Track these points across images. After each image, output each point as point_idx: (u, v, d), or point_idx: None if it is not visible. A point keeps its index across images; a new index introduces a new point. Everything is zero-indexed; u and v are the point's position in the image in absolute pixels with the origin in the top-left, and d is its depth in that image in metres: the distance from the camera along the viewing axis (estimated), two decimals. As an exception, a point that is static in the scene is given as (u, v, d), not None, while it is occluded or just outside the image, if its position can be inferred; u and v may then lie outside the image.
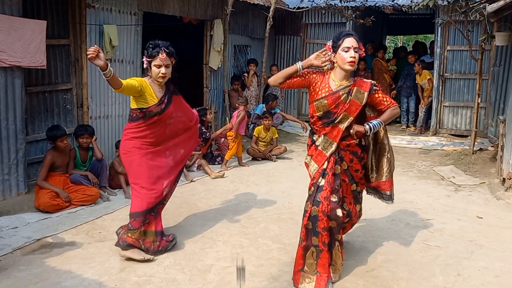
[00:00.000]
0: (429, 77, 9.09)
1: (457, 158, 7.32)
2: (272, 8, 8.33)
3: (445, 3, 7.42)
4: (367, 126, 3.26)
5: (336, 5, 8.99)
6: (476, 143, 7.56)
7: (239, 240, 4.11)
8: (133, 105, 3.58)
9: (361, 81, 3.31)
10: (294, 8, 9.58)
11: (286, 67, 11.41)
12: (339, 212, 3.23)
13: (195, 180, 6.01)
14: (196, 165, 6.41)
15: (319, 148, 3.35)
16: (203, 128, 6.89)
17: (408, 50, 11.47)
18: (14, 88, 4.67)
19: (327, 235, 3.21)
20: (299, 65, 3.27)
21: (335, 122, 3.25)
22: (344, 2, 8.58)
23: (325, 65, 3.24)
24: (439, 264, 3.74)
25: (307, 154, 3.50)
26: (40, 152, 5.21)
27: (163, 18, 7.08)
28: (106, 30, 5.69)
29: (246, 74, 8.78)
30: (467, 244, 4.15)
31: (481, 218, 4.81)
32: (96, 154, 5.19)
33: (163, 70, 3.53)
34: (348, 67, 3.15)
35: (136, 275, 3.44)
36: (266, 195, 5.40)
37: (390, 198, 3.60)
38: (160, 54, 3.50)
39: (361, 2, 8.84)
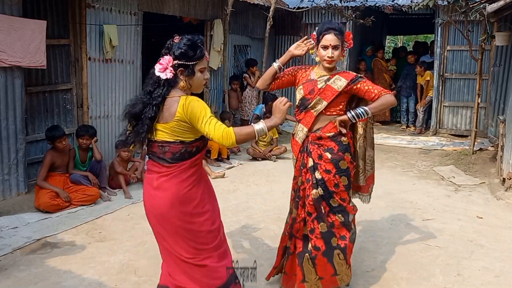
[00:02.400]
0: (428, 78, 9.10)
1: (457, 158, 7.32)
2: (272, 8, 8.33)
3: (445, 3, 7.42)
4: (349, 114, 2.98)
5: (336, 5, 8.99)
6: (476, 143, 7.56)
7: (239, 240, 4.11)
8: (191, 136, 2.44)
9: (346, 72, 3.13)
10: (294, 8, 9.58)
11: (286, 67, 11.44)
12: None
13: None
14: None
15: (295, 137, 3.18)
16: None
17: (408, 50, 11.47)
18: (14, 88, 4.67)
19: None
20: (275, 65, 3.16)
21: (308, 107, 3.06)
22: (344, 2, 8.58)
23: (306, 53, 3.14)
24: (439, 264, 3.74)
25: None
26: (40, 152, 5.21)
27: (163, 18, 7.08)
28: (106, 30, 5.69)
29: (246, 75, 8.77)
30: (467, 244, 4.15)
31: (481, 218, 4.81)
32: (96, 155, 5.19)
33: (207, 74, 2.57)
34: (326, 64, 3.04)
35: (136, 275, 3.44)
36: (266, 195, 5.40)
37: (368, 199, 3.47)
38: (206, 53, 2.60)
39: (361, 2, 8.84)
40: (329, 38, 2.98)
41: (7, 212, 4.50)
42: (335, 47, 2.98)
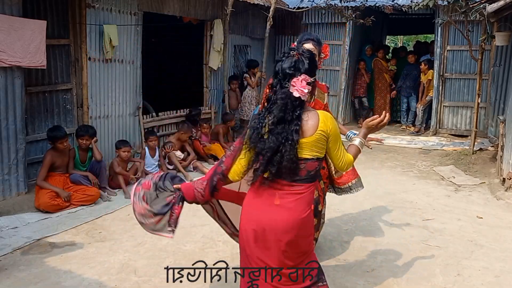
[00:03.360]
0: (430, 77, 9.10)
1: (457, 158, 7.32)
2: (272, 8, 8.32)
3: (445, 3, 7.42)
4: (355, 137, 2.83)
5: (336, 5, 8.98)
6: (476, 143, 7.55)
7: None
8: (322, 153, 2.34)
9: (318, 82, 3.23)
10: (294, 8, 9.57)
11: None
12: None
13: (194, 179, 6.02)
14: (192, 166, 6.41)
15: None
16: (193, 130, 6.93)
17: (408, 50, 11.46)
18: (14, 88, 4.67)
19: None
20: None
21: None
22: (344, 2, 8.57)
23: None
24: (439, 264, 3.74)
25: None
26: (40, 152, 5.21)
27: (163, 18, 7.08)
28: (106, 30, 5.69)
29: (247, 75, 8.76)
30: (467, 244, 4.15)
31: (481, 218, 4.81)
32: (96, 156, 5.19)
33: None
34: None
35: (136, 275, 3.44)
36: (266, 195, 5.39)
37: (349, 189, 3.61)
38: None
39: (361, 2, 8.83)
40: (308, 47, 3.13)
41: (7, 212, 4.50)
42: None
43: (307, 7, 9.32)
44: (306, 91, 2.25)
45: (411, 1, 8.58)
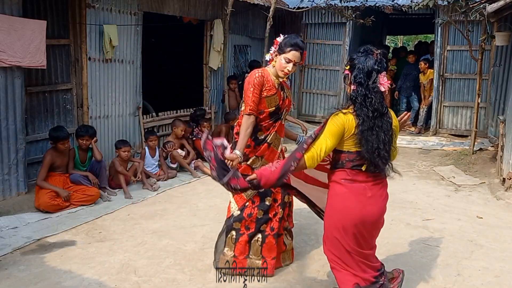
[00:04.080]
0: (432, 77, 9.09)
1: (457, 158, 7.32)
2: (272, 8, 8.32)
3: (445, 3, 7.41)
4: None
5: (336, 5, 8.98)
6: (476, 143, 7.55)
7: (239, 240, 4.10)
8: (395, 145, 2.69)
9: (284, 82, 3.48)
10: (294, 8, 9.57)
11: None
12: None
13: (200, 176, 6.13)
14: (193, 165, 6.41)
15: (272, 145, 3.39)
16: (194, 130, 6.93)
17: (408, 50, 11.46)
18: (14, 88, 4.67)
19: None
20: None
21: (281, 117, 3.38)
22: (344, 2, 8.56)
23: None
24: (439, 264, 3.74)
25: (255, 155, 3.33)
26: (40, 152, 5.21)
27: (163, 18, 7.08)
28: (106, 30, 5.69)
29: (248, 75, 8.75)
30: (467, 244, 4.15)
31: (481, 218, 4.81)
32: (96, 156, 5.19)
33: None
34: (281, 74, 3.28)
35: (136, 275, 3.44)
36: (266, 195, 5.39)
37: None
38: None
39: (361, 2, 8.83)
40: (296, 55, 3.23)
41: (7, 212, 4.50)
42: (295, 63, 3.26)
43: (307, 7, 9.32)
44: (387, 86, 2.60)
45: (411, 1, 8.58)
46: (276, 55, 3.30)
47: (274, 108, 3.29)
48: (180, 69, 9.65)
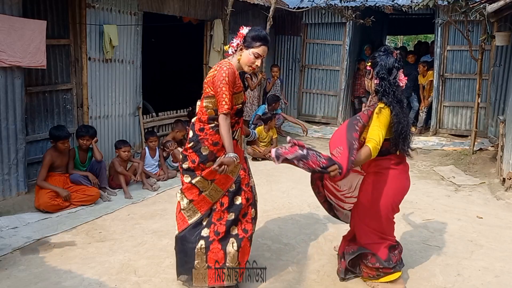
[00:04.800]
0: (431, 79, 9.09)
1: (457, 158, 7.32)
2: (272, 8, 8.32)
3: (445, 3, 7.42)
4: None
5: (336, 5, 8.98)
6: (476, 143, 7.56)
7: (239, 240, 4.10)
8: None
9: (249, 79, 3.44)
10: (294, 8, 9.57)
11: (286, 67, 11.33)
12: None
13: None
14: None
15: (238, 142, 3.24)
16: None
17: (408, 50, 11.45)
18: (14, 88, 4.67)
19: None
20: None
21: (242, 114, 3.29)
22: (344, 2, 8.57)
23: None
24: (439, 264, 3.74)
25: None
26: (40, 152, 5.21)
27: (163, 18, 7.08)
28: (106, 30, 5.69)
29: (248, 76, 8.75)
30: (467, 244, 4.15)
31: (481, 218, 4.81)
32: (96, 156, 5.19)
33: None
34: (248, 70, 3.11)
35: (136, 275, 3.44)
36: (266, 195, 5.39)
37: None
38: None
39: (361, 2, 8.84)
40: (265, 51, 3.11)
41: (7, 212, 4.50)
42: (263, 59, 3.18)
43: (307, 7, 9.32)
44: (404, 82, 3.14)
45: (411, 1, 8.58)
46: (241, 49, 3.08)
47: (240, 105, 3.16)
48: (180, 69, 9.66)
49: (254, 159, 7.06)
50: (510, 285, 3.46)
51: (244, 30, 3.09)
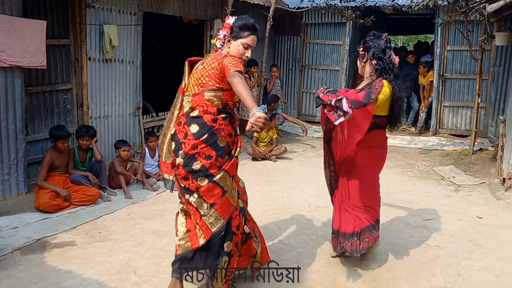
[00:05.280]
0: (432, 79, 9.08)
1: (457, 158, 7.32)
2: (272, 8, 8.32)
3: (445, 3, 7.42)
4: None
5: (336, 5, 8.98)
6: (476, 143, 7.55)
7: (239, 240, 4.10)
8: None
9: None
10: (294, 8, 9.57)
11: (286, 67, 11.33)
12: None
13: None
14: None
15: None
16: None
17: (408, 50, 11.45)
18: (14, 88, 4.67)
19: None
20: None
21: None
22: (344, 2, 8.57)
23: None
24: (439, 264, 3.74)
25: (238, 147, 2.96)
26: (40, 152, 5.21)
27: (163, 18, 7.08)
28: (106, 30, 5.69)
29: (247, 76, 8.75)
30: (467, 244, 4.15)
31: (481, 218, 4.81)
32: (96, 156, 5.19)
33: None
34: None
35: (136, 275, 3.44)
36: (266, 195, 5.39)
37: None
38: None
39: (361, 2, 8.84)
40: (254, 40, 2.94)
41: (7, 212, 4.50)
42: (252, 49, 2.99)
43: (307, 7, 9.32)
44: (397, 61, 3.38)
45: (411, 1, 8.58)
46: (229, 40, 2.91)
47: (237, 103, 3.00)
48: (180, 69, 9.64)
49: (254, 159, 7.07)
50: (510, 285, 3.46)
51: (230, 20, 2.93)
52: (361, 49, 3.42)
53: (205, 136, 2.79)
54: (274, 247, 3.98)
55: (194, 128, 2.83)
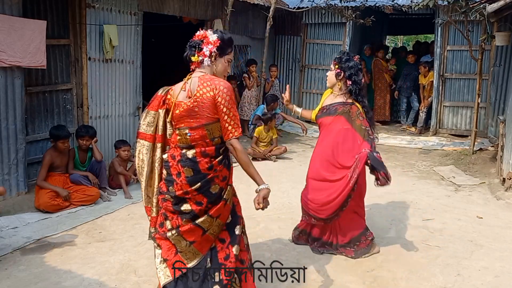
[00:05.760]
0: (432, 79, 9.08)
1: (457, 158, 7.32)
2: (272, 8, 8.32)
3: (445, 3, 7.41)
4: None
5: (336, 5, 8.98)
6: (476, 143, 7.55)
7: (239, 240, 4.10)
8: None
9: None
10: (294, 8, 9.57)
11: (286, 67, 11.34)
12: None
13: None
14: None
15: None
16: None
17: (408, 50, 11.46)
18: (14, 88, 4.67)
19: None
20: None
21: None
22: (344, 2, 8.57)
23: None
24: (439, 264, 3.74)
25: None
26: (40, 152, 5.21)
27: (163, 18, 7.08)
28: (106, 30, 5.69)
29: (246, 75, 8.75)
30: (467, 244, 4.15)
31: (481, 218, 4.81)
32: (96, 156, 5.19)
33: None
34: (222, 79, 2.76)
35: (136, 275, 3.44)
36: (266, 195, 5.39)
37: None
38: None
39: (361, 2, 8.83)
40: (232, 55, 2.87)
41: (7, 212, 4.50)
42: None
43: (307, 7, 9.32)
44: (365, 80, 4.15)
45: (411, 1, 8.58)
46: (215, 58, 2.72)
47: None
48: (180, 69, 9.64)
49: (254, 159, 7.06)
50: (510, 285, 3.46)
51: (214, 36, 2.70)
52: (337, 66, 3.70)
53: (198, 185, 2.65)
54: (274, 247, 3.98)
55: (188, 172, 2.66)
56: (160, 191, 2.79)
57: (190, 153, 2.66)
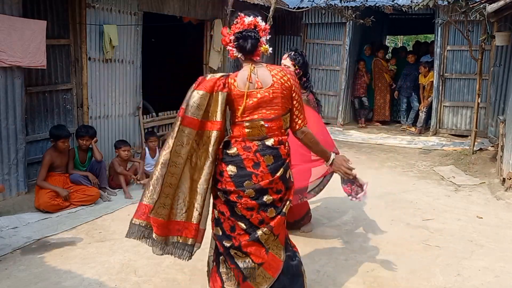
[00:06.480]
0: (432, 79, 9.08)
1: (457, 158, 7.32)
2: (272, 8, 8.30)
3: (445, 3, 7.41)
4: None
5: (336, 5, 8.96)
6: (476, 143, 7.55)
7: (239, 240, 4.10)
8: None
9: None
10: (294, 8, 9.56)
11: (286, 67, 11.27)
12: None
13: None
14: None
15: None
16: None
17: (408, 50, 11.46)
18: (14, 88, 4.67)
19: None
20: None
21: None
22: (344, 2, 8.55)
23: None
24: (439, 264, 3.74)
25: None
26: (40, 152, 5.21)
27: (163, 18, 7.08)
28: (106, 30, 5.69)
29: None
30: (467, 244, 4.15)
31: (481, 218, 4.81)
32: (96, 156, 5.19)
33: None
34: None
35: (136, 275, 3.44)
36: (266, 195, 5.39)
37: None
38: None
39: (361, 2, 8.82)
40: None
41: (7, 212, 4.50)
42: None
43: (307, 7, 9.31)
44: None
45: (411, 1, 8.57)
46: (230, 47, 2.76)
47: None
48: (180, 69, 9.65)
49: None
50: (510, 285, 3.46)
51: (263, 23, 2.72)
52: (297, 67, 3.86)
53: (281, 171, 2.53)
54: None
55: (268, 160, 2.52)
56: (224, 190, 2.57)
57: (269, 141, 2.54)
